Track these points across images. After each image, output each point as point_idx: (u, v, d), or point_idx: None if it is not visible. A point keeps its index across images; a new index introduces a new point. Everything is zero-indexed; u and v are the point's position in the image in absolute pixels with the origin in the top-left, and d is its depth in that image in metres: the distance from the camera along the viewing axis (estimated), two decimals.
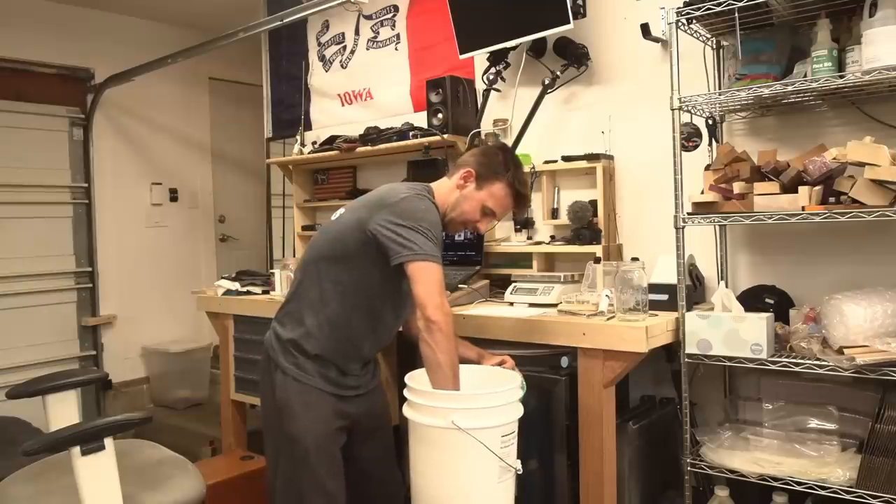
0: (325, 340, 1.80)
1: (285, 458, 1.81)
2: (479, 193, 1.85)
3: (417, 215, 1.70)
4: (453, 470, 1.61)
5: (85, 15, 4.34)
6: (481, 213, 1.86)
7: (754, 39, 2.08)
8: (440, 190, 1.88)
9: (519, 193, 1.87)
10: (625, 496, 2.10)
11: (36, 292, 4.17)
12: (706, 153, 2.30)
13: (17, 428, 3.50)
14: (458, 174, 1.87)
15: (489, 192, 1.85)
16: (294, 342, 1.81)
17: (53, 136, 4.28)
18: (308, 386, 1.79)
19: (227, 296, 3.03)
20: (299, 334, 1.81)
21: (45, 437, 1.50)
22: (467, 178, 1.85)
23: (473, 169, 1.85)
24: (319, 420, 1.79)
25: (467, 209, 1.85)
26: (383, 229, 1.69)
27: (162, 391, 4.52)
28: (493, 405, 1.60)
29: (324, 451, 1.79)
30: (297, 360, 1.80)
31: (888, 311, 1.76)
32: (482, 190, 1.85)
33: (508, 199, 1.87)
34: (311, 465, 1.77)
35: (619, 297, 2.02)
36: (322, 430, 1.79)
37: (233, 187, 5.20)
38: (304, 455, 1.77)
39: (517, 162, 1.92)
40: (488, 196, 1.85)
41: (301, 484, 1.78)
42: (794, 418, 2.02)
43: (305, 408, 1.79)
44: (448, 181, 1.90)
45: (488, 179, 1.84)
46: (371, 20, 3.48)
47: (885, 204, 1.69)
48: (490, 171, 1.84)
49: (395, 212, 1.71)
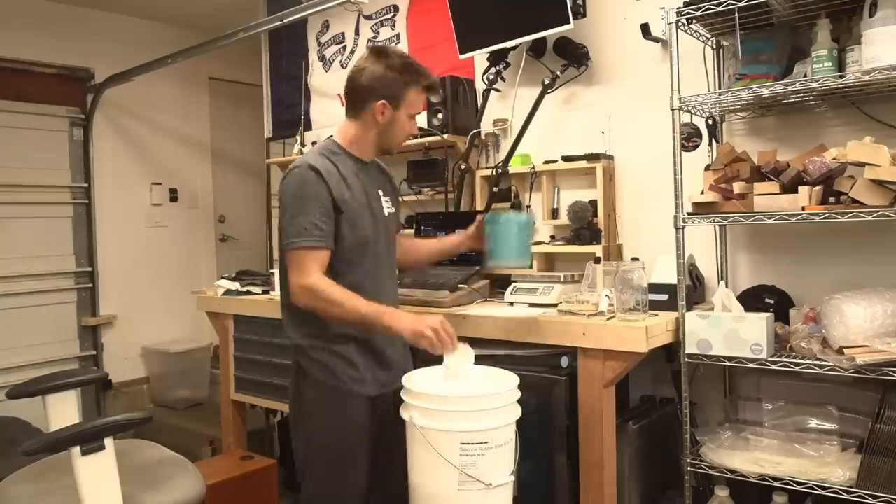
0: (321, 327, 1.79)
1: (314, 463, 1.80)
2: (400, 112, 1.83)
3: (286, 192, 1.77)
4: (418, 467, 1.63)
5: (85, 15, 4.34)
6: (410, 122, 1.88)
7: (754, 39, 2.08)
8: (349, 132, 1.86)
9: (430, 86, 1.87)
10: (625, 496, 2.10)
11: (36, 292, 4.17)
12: (706, 153, 2.30)
13: (17, 428, 3.50)
14: (368, 111, 1.81)
15: (407, 105, 1.84)
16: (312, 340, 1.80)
17: (53, 136, 4.28)
18: (338, 390, 1.78)
19: (227, 296, 3.03)
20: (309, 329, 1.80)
21: (45, 437, 1.50)
22: (384, 110, 1.81)
23: (384, 98, 1.80)
24: (351, 425, 1.78)
25: (398, 130, 1.86)
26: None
27: (162, 391, 4.52)
28: (450, 409, 1.57)
29: (354, 455, 1.79)
30: (324, 363, 1.79)
31: (888, 311, 1.76)
32: (400, 109, 1.83)
33: (422, 96, 1.88)
34: (342, 471, 1.77)
35: (619, 297, 2.02)
36: (354, 435, 1.79)
37: (233, 187, 5.20)
38: (335, 460, 1.77)
39: (406, 60, 1.84)
40: (407, 108, 1.84)
41: (331, 489, 1.78)
42: (794, 418, 2.02)
43: (337, 412, 1.78)
44: (357, 121, 1.85)
45: (399, 98, 1.81)
46: (371, 20, 3.48)
47: (885, 204, 1.69)
48: (398, 89, 1.80)
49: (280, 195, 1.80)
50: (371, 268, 1.84)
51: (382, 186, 1.95)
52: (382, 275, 1.89)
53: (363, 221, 1.81)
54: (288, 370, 2.78)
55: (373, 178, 1.92)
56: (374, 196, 1.89)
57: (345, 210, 1.76)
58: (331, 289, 1.70)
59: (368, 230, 1.83)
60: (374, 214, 1.86)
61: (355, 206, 1.79)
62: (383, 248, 1.89)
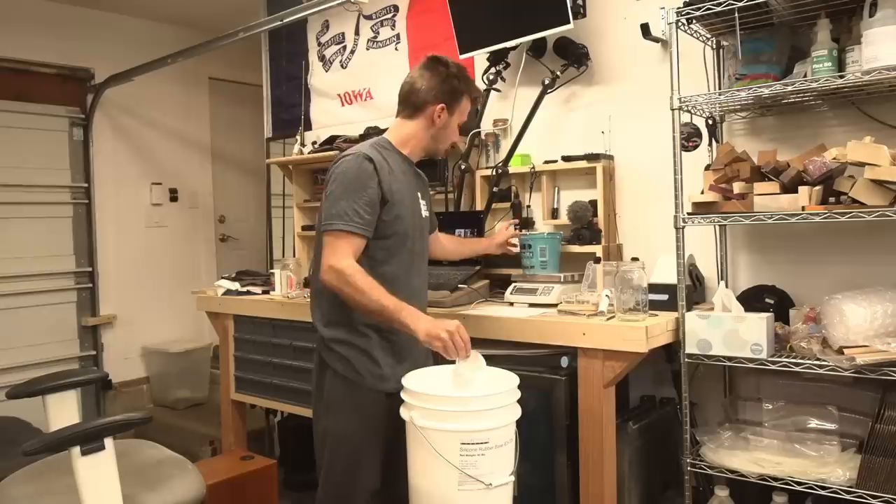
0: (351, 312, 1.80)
1: (331, 455, 1.82)
2: (453, 119, 1.93)
3: (336, 179, 1.79)
4: (418, 467, 1.63)
5: (85, 15, 4.34)
6: (456, 130, 1.98)
7: (754, 39, 2.08)
8: (405, 133, 1.93)
9: (477, 99, 2.03)
10: (625, 496, 2.10)
11: (36, 292, 4.17)
12: (706, 153, 2.30)
13: (17, 428, 3.50)
14: (426, 113, 1.89)
15: (459, 112, 1.94)
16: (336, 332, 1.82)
17: (53, 136, 4.28)
18: (358, 386, 1.80)
19: (227, 296, 3.03)
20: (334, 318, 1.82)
21: (45, 437, 1.50)
22: (441, 114, 1.89)
23: (442, 103, 1.89)
24: (369, 421, 1.80)
25: (448, 135, 1.95)
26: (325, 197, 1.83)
27: (162, 391, 4.52)
28: (450, 409, 1.57)
29: (371, 450, 1.81)
30: (346, 358, 1.81)
31: (888, 311, 1.76)
32: (454, 114, 1.93)
33: (471, 106, 2.00)
34: (358, 465, 1.79)
35: (619, 297, 2.02)
36: (371, 431, 1.81)
37: (233, 187, 5.20)
38: (352, 454, 1.79)
39: (462, 69, 1.94)
40: (459, 115, 1.95)
41: (345, 482, 1.79)
42: (794, 418, 2.02)
43: (356, 408, 1.80)
44: (413, 122, 1.92)
45: (455, 104, 1.91)
46: (371, 20, 3.48)
47: (885, 204, 1.69)
48: (453, 96, 1.90)
49: (331, 178, 1.82)
50: (407, 262, 1.88)
51: (420, 189, 2.01)
52: (415, 272, 1.92)
53: (406, 214, 1.86)
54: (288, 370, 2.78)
55: (415, 179, 1.98)
56: (414, 197, 1.94)
57: (392, 201, 1.81)
58: (358, 275, 1.71)
59: (409, 225, 1.87)
60: (414, 213, 1.91)
61: (402, 200, 1.84)
62: (418, 247, 1.93)
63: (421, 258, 1.96)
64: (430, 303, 2.33)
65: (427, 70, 1.90)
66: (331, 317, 1.83)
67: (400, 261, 1.86)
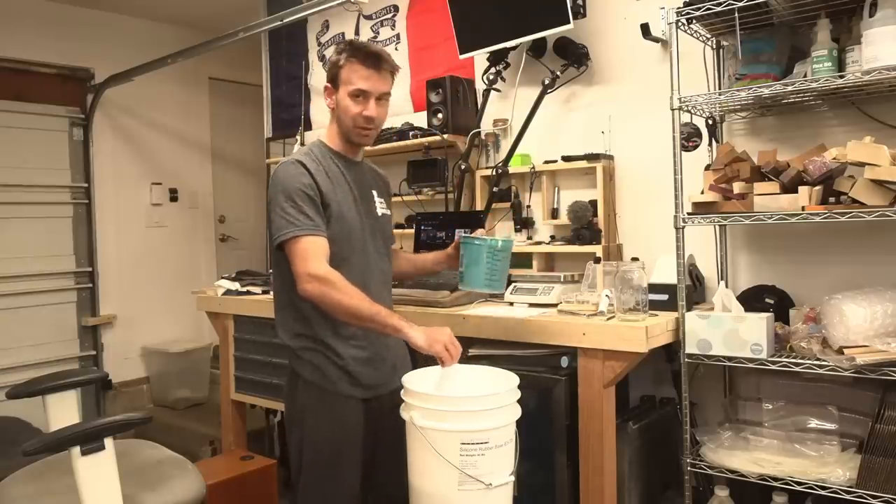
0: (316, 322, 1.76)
1: (307, 464, 1.78)
2: (340, 91, 1.80)
3: (278, 188, 1.73)
4: (418, 467, 1.62)
5: (85, 15, 4.34)
6: (355, 103, 1.79)
7: (754, 39, 2.08)
8: (327, 128, 1.89)
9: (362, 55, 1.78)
10: (625, 496, 2.10)
11: (36, 292, 4.17)
12: (706, 153, 2.30)
13: (17, 428, 3.50)
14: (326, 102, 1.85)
15: (344, 83, 1.79)
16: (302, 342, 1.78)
17: (53, 136, 4.28)
18: (329, 392, 1.77)
19: (227, 296, 3.03)
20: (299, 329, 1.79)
21: (45, 437, 1.50)
22: (328, 93, 1.83)
23: (328, 82, 1.83)
24: (343, 426, 1.77)
25: (343, 112, 1.80)
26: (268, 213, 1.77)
27: (162, 391, 4.52)
28: (450, 409, 1.57)
29: (347, 457, 1.77)
30: (315, 364, 1.77)
31: (888, 311, 1.76)
32: (340, 87, 1.80)
33: (358, 68, 1.78)
34: (335, 472, 1.76)
35: (619, 297, 2.02)
36: (345, 436, 1.77)
37: (233, 187, 5.20)
38: (327, 461, 1.76)
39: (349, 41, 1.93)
40: (346, 86, 1.79)
41: (324, 489, 1.77)
42: (794, 418, 2.02)
43: (328, 414, 1.76)
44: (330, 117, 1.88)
45: (336, 74, 1.81)
46: (371, 20, 3.48)
47: (885, 204, 1.69)
48: (333, 67, 1.81)
49: (269, 193, 1.77)
50: (361, 264, 1.80)
51: (377, 187, 1.94)
52: (371, 274, 1.83)
53: (350, 215, 1.79)
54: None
55: (364, 176, 1.90)
56: (367, 195, 1.87)
57: (330, 203, 1.75)
58: (342, 280, 1.66)
59: (356, 224, 1.80)
60: (365, 211, 1.84)
61: (340, 200, 1.78)
62: (373, 247, 1.85)
63: (377, 257, 1.87)
64: (430, 303, 2.33)
65: None
66: (297, 330, 1.79)
67: (350, 264, 1.76)
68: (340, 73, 1.79)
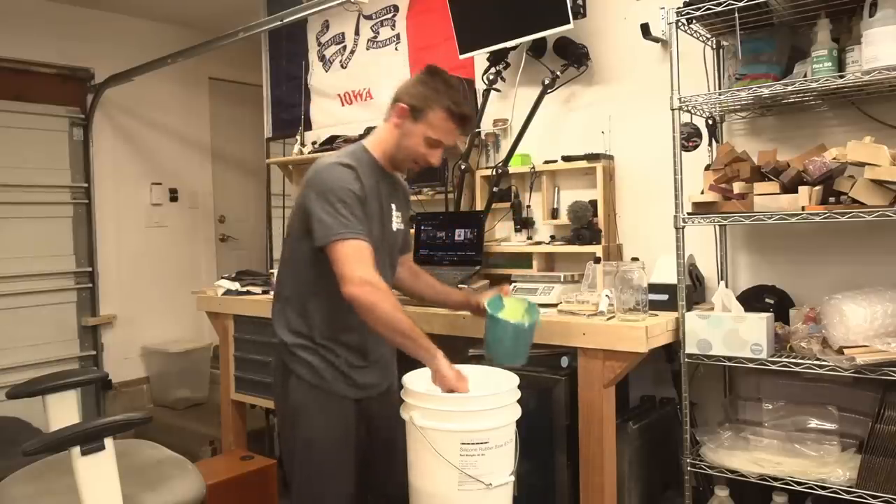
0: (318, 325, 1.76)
1: (301, 462, 1.78)
2: (418, 127, 1.75)
3: (327, 186, 1.67)
4: (418, 467, 1.63)
5: (85, 15, 4.34)
6: (426, 146, 1.77)
7: (754, 39, 2.08)
8: (378, 136, 1.82)
9: (460, 115, 1.76)
10: (625, 496, 2.10)
11: (36, 292, 4.17)
12: (706, 153, 2.30)
13: (17, 428, 3.50)
14: (394, 111, 1.78)
15: (427, 123, 1.75)
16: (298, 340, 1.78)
17: (53, 136, 4.28)
18: (323, 391, 1.76)
19: (227, 296, 3.03)
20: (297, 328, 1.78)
21: (45, 437, 1.50)
22: (402, 115, 1.76)
23: (406, 103, 1.75)
24: (337, 425, 1.77)
25: (410, 145, 1.77)
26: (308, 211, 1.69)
27: (162, 391, 4.52)
28: (450, 409, 1.57)
29: (341, 455, 1.77)
30: (309, 363, 1.77)
31: (888, 311, 1.76)
32: (420, 122, 1.75)
33: (449, 124, 1.76)
34: (329, 470, 1.76)
35: (619, 297, 2.02)
36: (340, 435, 1.77)
37: (233, 187, 5.20)
38: (321, 459, 1.76)
39: (451, 83, 1.79)
40: (428, 127, 1.75)
41: (318, 487, 1.76)
42: (794, 418, 2.02)
43: (322, 412, 1.76)
44: (386, 124, 1.81)
45: (423, 110, 1.74)
46: (371, 20, 3.48)
47: (885, 204, 1.69)
48: (423, 101, 1.74)
49: (312, 189, 1.69)
50: None
51: (396, 200, 1.90)
52: None
53: (375, 230, 1.77)
54: None
55: (389, 189, 1.87)
56: (388, 210, 1.85)
57: (365, 216, 1.71)
58: (390, 291, 1.63)
59: (378, 239, 1.77)
60: (384, 227, 1.83)
61: (371, 214, 1.75)
62: (382, 262, 1.80)
63: (386, 273, 1.82)
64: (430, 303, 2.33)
65: (414, 75, 1.83)
66: (296, 327, 1.78)
67: None
68: (429, 113, 1.75)
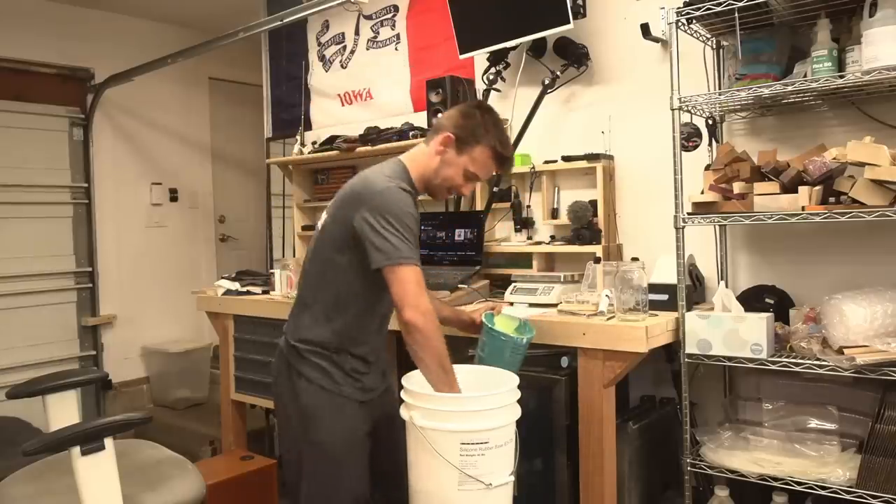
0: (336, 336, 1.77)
1: (313, 464, 1.78)
2: (461, 158, 1.77)
3: (393, 211, 1.64)
4: (418, 467, 1.63)
5: (85, 15, 4.34)
6: (464, 178, 1.80)
7: (754, 39, 2.08)
8: (417, 159, 1.81)
9: (502, 156, 1.80)
10: (625, 496, 2.10)
11: (36, 292, 4.17)
12: (706, 153, 2.30)
13: (17, 428, 3.50)
14: (436, 139, 1.78)
15: (470, 156, 1.77)
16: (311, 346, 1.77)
17: (53, 136, 4.28)
18: (336, 394, 1.77)
19: (227, 296, 3.03)
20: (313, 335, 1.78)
21: (45, 437, 1.50)
22: (447, 144, 1.77)
23: (452, 133, 1.76)
24: (350, 427, 1.78)
25: (450, 174, 1.79)
26: (363, 229, 1.65)
27: (162, 391, 4.52)
28: (450, 409, 1.57)
29: (354, 456, 1.78)
30: (322, 367, 1.77)
31: (888, 311, 1.76)
32: (463, 155, 1.77)
33: (491, 162, 1.80)
34: (342, 472, 1.76)
35: (619, 297, 2.02)
36: (352, 437, 1.78)
37: (233, 187, 5.20)
38: (335, 461, 1.76)
39: (497, 121, 1.82)
40: (470, 161, 1.78)
41: (330, 490, 1.77)
42: (794, 418, 2.02)
43: (335, 415, 1.76)
44: (426, 147, 1.81)
45: (468, 144, 1.76)
46: (371, 20, 3.48)
47: (885, 204, 1.69)
48: (470, 135, 1.76)
49: (372, 208, 1.65)
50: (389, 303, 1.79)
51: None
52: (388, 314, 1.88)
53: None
54: None
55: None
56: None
57: None
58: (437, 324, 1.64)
59: None
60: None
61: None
62: None
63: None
64: None
65: (463, 106, 1.84)
66: (313, 334, 1.78)
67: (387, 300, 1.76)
68: (475, 148, 1.77)
